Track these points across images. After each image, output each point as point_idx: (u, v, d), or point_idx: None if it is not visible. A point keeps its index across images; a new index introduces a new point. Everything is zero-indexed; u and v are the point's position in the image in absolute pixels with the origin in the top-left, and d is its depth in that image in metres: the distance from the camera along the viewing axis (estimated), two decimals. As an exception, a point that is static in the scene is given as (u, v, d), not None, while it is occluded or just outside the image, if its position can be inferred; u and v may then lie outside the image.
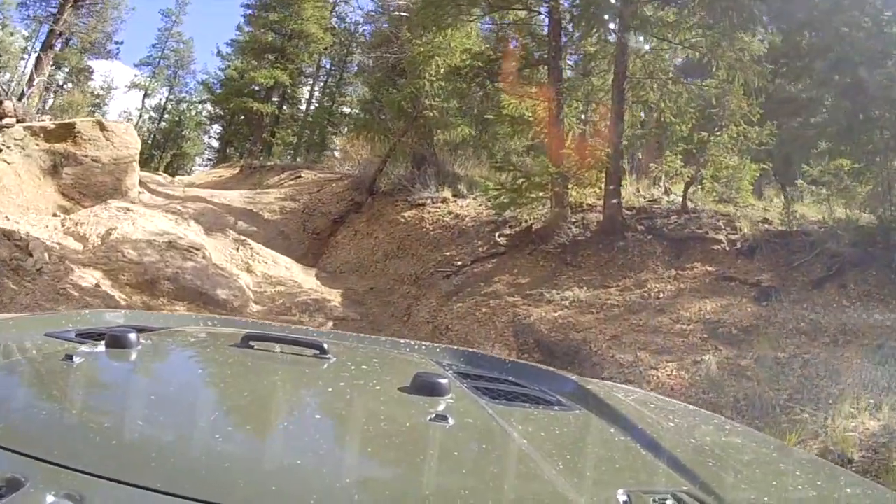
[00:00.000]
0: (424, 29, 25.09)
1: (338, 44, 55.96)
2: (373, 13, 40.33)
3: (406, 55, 28.25)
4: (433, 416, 2.18)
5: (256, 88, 53.44)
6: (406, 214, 25.38)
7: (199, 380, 2.77)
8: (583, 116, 23.00)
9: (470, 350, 4.65)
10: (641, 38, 20.22)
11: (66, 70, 51.16)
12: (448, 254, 21.76)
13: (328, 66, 59.50)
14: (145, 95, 66.27)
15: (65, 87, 52.05)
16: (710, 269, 16.92)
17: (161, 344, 3.11)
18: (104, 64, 67.85)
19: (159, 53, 66.50)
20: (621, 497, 1.83)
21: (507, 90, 22.02)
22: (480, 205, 23.62)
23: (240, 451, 1.83)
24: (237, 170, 42.20)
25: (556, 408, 2.81)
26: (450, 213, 23.95)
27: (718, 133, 19.02)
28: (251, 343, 2.88)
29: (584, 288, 17.08)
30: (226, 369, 2.80)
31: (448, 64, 24.79)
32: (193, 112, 66.29)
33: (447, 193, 25.30)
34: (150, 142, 62.07)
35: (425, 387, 2.42)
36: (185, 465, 1.67)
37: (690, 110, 19.78)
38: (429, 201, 25.31)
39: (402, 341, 4.43)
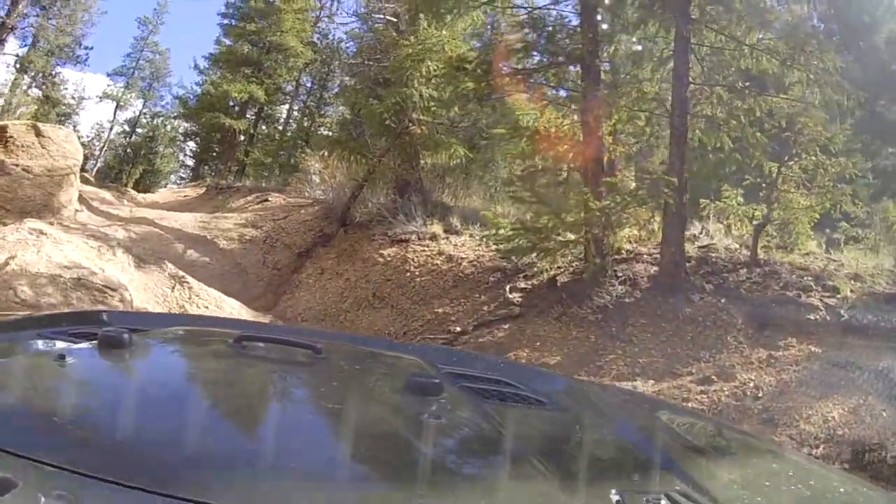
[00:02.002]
0: (419, 16, 20.70)
1: (318, 62, 52.07)
2: (356, 30, 33.89)
3: (391, 61, 23.32)
4: (426, 416, 2.14)
5: (231, 104, 50.00)
6: (385, 253, 19.89)
7: (193, 380, 2.59)
8: (626, 132, 17.18)
9: (462, 350, 5.99)
10: (704, 33, 15.43)
11: (32, 74, 47.30)
12: (441, 311, 16.44)
13: (308, 85, 55.70)
14: (117, 107, 62.53)
15: (29, 92, 48.89)
16: (812, 348, 12.16)
17: (154, 344, 2.86)
18: (74, 74, 63.18)
19: (134, 63, 62.39)
20: (614, 497, 1.80)
21: (511, 95, 16.82)
22: (480, 244, 18.68)
23: (233, 451, 1.78)
24: (203, 190, 37.58)
25: (549, 408, 2.77)
26: (441, 253, 18.86)
27: (791, 163, 14.85)
28: (244, 343, 2.69)
29: (644, 376, 12.14)
30: (219, 370, 2.64)
31: (445, 64, 19.27)
32: (168, 127, 62.94)
33: (437, 228, 20.05)
34: (121, 156, 61.79)
35: (418, 387, 2.30)
36: (179, 465, 1.62)
37: (759, 133, 14.98)
38: (414, 237, 19.98)
39: (396, 343, 5.40)
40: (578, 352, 13.16)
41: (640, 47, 16.41)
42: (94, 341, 2.42)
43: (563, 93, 17.06)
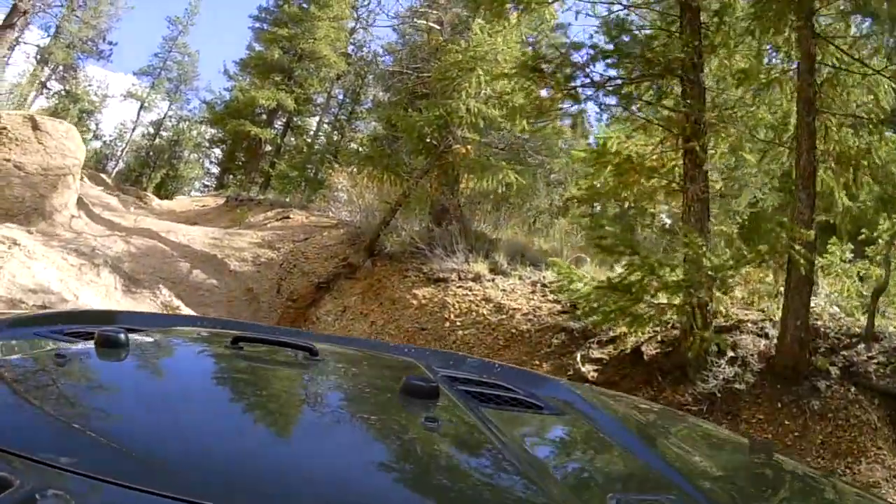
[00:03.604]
0: (470, 20, 18.71)
1: (352, 74, 49.14)
2: (394, 43, 33.65)
3: (433, 70, 20.38)
4: (423, 419, 2.10)
5: (258, 112, 47.77)
6: (420, 294, 16.40)
7: (189, 380, 2.43)
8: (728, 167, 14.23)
9: (460, 353, 5.68)
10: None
11: (52, 66, 45.35)
12: None
13: (340, 98, 53.08)
14: (142, 108, 60.16)
15: (48, 85, 47.01)
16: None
17: (151, 344, 2.78)
18: (99, 71, 60.93)
19: (161, 63, 60.22)
20: (611, 502, 1.80)
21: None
22: (534, 291, 15.38)
23: (229, 451, 1.70)
24: (223, 200, 35.12)
25: (545, 412, 2.70)
26: (488, 300, 15.40)
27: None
28: (241, 344, 2.66)
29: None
30: (215, 370, 2.69)
31: (515, 64, 15.27)
32: (194, 132, 60.69)
33: (482, 267, 16.61)
34: (143, 158, 59.77)
35: (415, 390, 2.23)
36: (175, 465, 1.57)
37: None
38: (454, 276, 16.53)
39: (392, 345, 5.34)
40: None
41: (744, 64, 12.74)
42: (92, 341, 2.32)
43: (645, 112, 13.45)
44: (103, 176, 41.43)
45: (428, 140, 18.57)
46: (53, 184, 20.43)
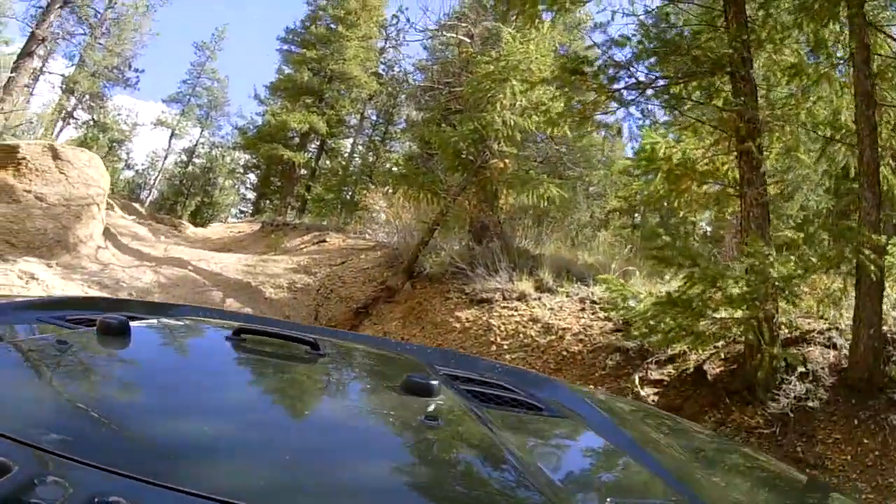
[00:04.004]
0: (500, 30, 17.74)
1: (384, 94, 49.06)
2: (424, 61, 34.27)
3: (465, 85, 19.75)
4: (423, 417, 2.06)
5: (291, 135, 47.47)
6: (463, 316, 15.49)
7: (190, 370, 2.45)
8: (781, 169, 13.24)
9: (461, 352, 5.33)
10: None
11: (78, 95, 44.60)
12: None
13: (373, 119, 52.98)
14: (173, 135, 61.01)
15: (74, 115, 46.62)
16: None
17: (153, 332, 2.83)
18: (128, 100, 61.20)
19: (190, 90, 60.84)
20: None
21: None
22: (583, 308, 14.47)
23: (228, 443, 1.70)
24: (258, 226, 34.50)
25: (545, 414, 2.74)
26: (535, 320, 14.45)
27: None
28: (243, 336, 2.63)
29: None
30: (216, 361, 2.60)
31: (555, 67, 15.11)
32: (227, 159, 61.02)
33: (526, 285, 15.70)
34: (176, 186, 59.79)
35: (416, 387, 2.25)
36: (174, 454, 1.57)
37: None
38: (498, 296, 15.64)
39: (394, 341, 4.69)
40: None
41: (793, 59, 11.98)
42: (94, 327, 2.36)
43: (694, 113, 12.65)
44: (136, 205, 41.19)
45: (464, 155, 17.87)
46: (77, 214, 20.05)
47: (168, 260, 22.03)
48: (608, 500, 1.85)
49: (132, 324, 2.42)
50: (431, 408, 2.15)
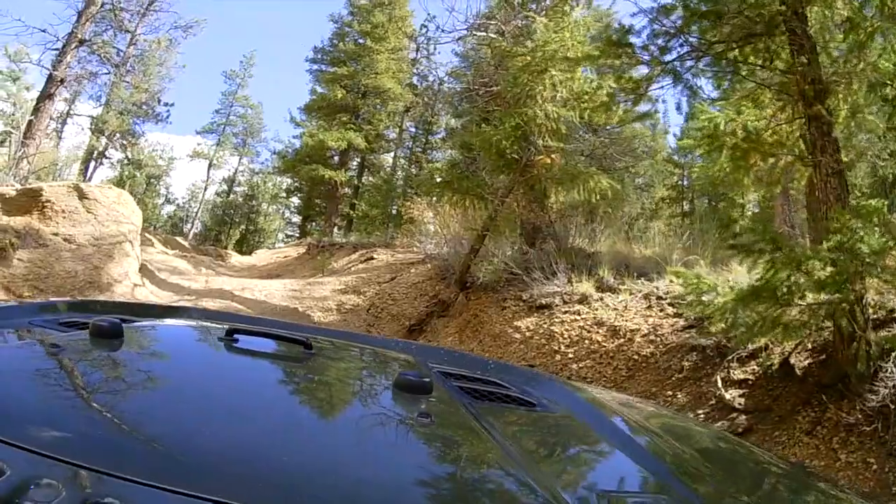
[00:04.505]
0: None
1: (420, 105, 47.87)
2: (457, 68, 32.61)
3: (501, 83, 18.98)
4: (416, 414, 2.13)
5: (330, 154, 47.64)
6: (522, 325, 14.42)
7: (183, 371, 2.41)
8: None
9: (454, 350, 5.26)
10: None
11: (108, 134, 44.14)
12: None
13: (412, 131, 53.08)
14: (210, 166, 61.53)
15: (107, 154, 46.84)
16: None
17: (145, 334, 2.88)
18: (163, 136, 61.70)
19: (224, 119, 61.74)
20: (602, 501, 1.83)
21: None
22: (650, 306, 13.36)
23: (220, 443, 1.68)
24: (304, 249, 34.33)
25: (538, 409, 2.71)
26: (599, 323, 13.36)
27: None
28: (236, 336, 2.65)
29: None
30: (209, 362, 2.64)
31: (585, 52, 14.44)
32: (269, 184, 61.53)
33: (587, 286, 14.59)
34: (218, 216, 61.15)
35: (409, 385, 2.26)
36: (167, 455, 1.55)
37: None
38: (557, 300, 14.57)
39: (387, 339, 5.13)
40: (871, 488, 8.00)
41: (847, 12, 11.01)
42: (86, 330, 2.35)
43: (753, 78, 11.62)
44: (179, 239, 41.28)
45: (508, 154, 16.92)
46: (108, 253, 19.61)
47: (209, 292, 21.55)
48: (601, 494, 1.83)
49: (125, 326, 2.40)
50: (424, 405, 2.18)
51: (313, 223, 53.68)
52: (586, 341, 12.90)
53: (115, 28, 38.01)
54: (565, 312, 14.06)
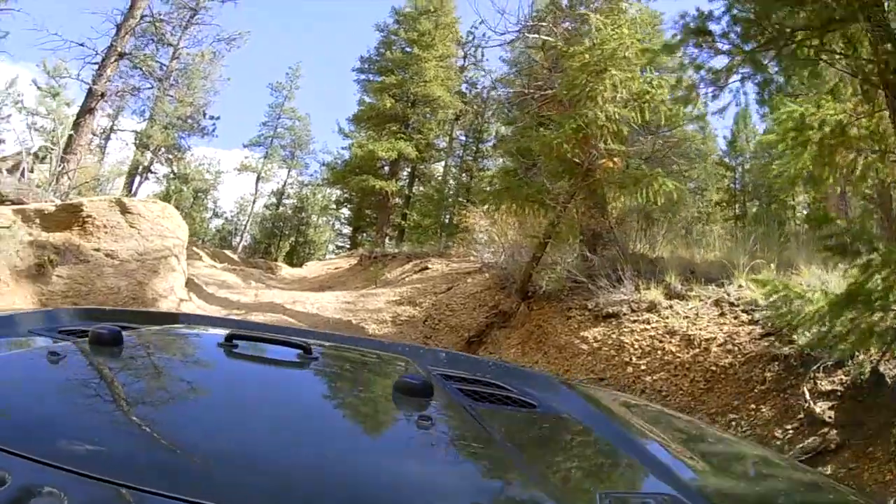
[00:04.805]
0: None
1: (470, 113, 48.08)
2: (506, 75, 32.24)
3: (557, 86, 18.70)
4: (417, 417, 2.09)
5: (380, 165, 47.37)
6: (589, 335, 13.75)
7: (183, 378, 2.47)
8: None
9: (454, 352, 5.60)
10: None
11: (153, 149, 44.25)
12: None
13: (462, 139, 52.67)
14: (259, 179, 61.68)
15: (152, 168, 46.81)
16: None
17: (145, 342, 2.82)
18: (209, 150, 61.94)
19: (271, 132, 61.87)
20: (603, 500, 1.74)
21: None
22: (722, 313, 12.53)
23: (222, 449, 1.69)
24: (356, 260, 34.11)
25: (539, 410, 2.74)
26: (671, 332, 12.63)
27: None
28: (235, 342, 2.62)
29: None
30: (209, 368, 2.65)
31: (662, 43, 13.41)
32: (319, 196, 61.82)
33: (655, 293, 13.94)
34: (268, 229, 61.80)
35: (409, 388, 2.26)
36: (168, 462, 1.56)
37: None
38: (625, 308, 13.91)
39: (387, 342, 4.87)
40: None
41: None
42: (86, 338, 2.38)
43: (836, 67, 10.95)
44: (228, 252, 41.38)
45: (569, 158, 16.26)
46: (153, 268, 19.28)
47: (259, 306, 21.16)
48: (601, 494, 1.74)
49: (125, 333, 2.39)
50: (425, 408, 2.16)
51: (364, 234, 53.58)
52: (659, 352, 12.23)
53: (157, 42, 38.33)
54: (634, 321, 13.41)
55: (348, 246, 53.84)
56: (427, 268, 25.51)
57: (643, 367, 12.10)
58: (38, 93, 40.98)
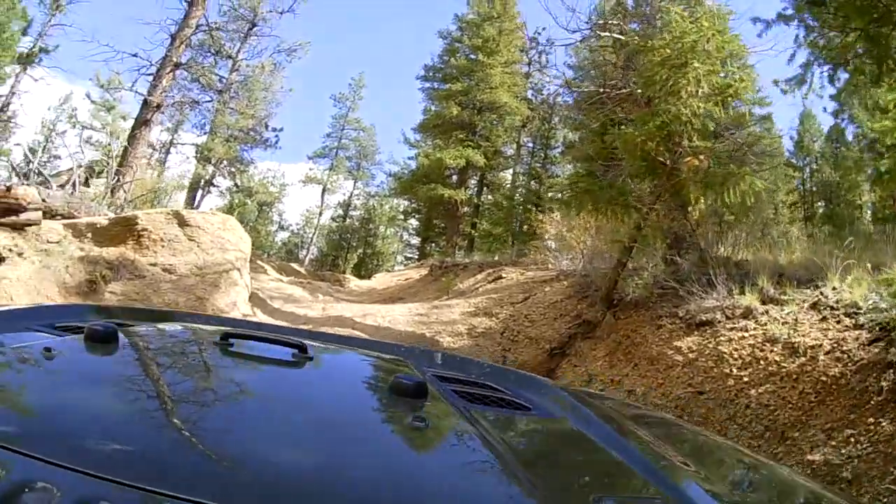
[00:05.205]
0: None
1: (536, 119, 48.31)
2: (574, 78, 29.52)
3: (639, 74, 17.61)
4: (411, 418, 2.12)
5: (448, 173, 47.08)
6: (683, 346, 12.76)
7: (178, 376, 2.45)
8: None
9: (449, 353, 5.38)
10: None
11: (214, 162, 44.62)
12: (818, 458, 9.13)
13: (530, 146, 51.91)
14: (324, 190, 62.10)
15: (214, 182, 46.89)
16: None
17: (140, 339, 2.83)
18: (273, 163, 62.44)
19: (335, 143, 61.96)
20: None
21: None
22: (824, 318, 11.50)
23: (216, 448, 1.70)
24: (426, 270, 33.47)
25: (533, 413, 2.75)
26: (772, 340, 11.53)
27: None
28: (231, 341, 2.70)
29: None
30: (204, 366, 2.66)
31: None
32: (386, 207, 62.03)
33: (750, 299, 12.88)
34: (335, 241, 62.15)
35: (404, 389, 2.29)
36: (161, 460, 1.56)
37: None
38: (719, 315, 12.87)
39: (383, 342, 4.55)
40: None
41: None
42: (81, 335, 2.41)
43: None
44: (294, 265, 41.43)
45: (652, 157, 15.44)
46: (213, 283, 18.83)
47: (327, 320, 20.65)
48: (593, 497, 1.82)
49: (120, 330, 2.40)
50: (420, 409, 2.18)
51: (433, 244, 53.49)
52: (761, 362, 11.22)
53: (216, 54, 38.58)
54: (731, 329, 12.40)
55: (417, 256, 54.02)
56: (501, 277, 24.59)
57: (745, 379, 11.11)
58: (92, 107, 41.34)
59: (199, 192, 45.01)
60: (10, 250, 15.81)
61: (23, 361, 2.19)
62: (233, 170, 46.04)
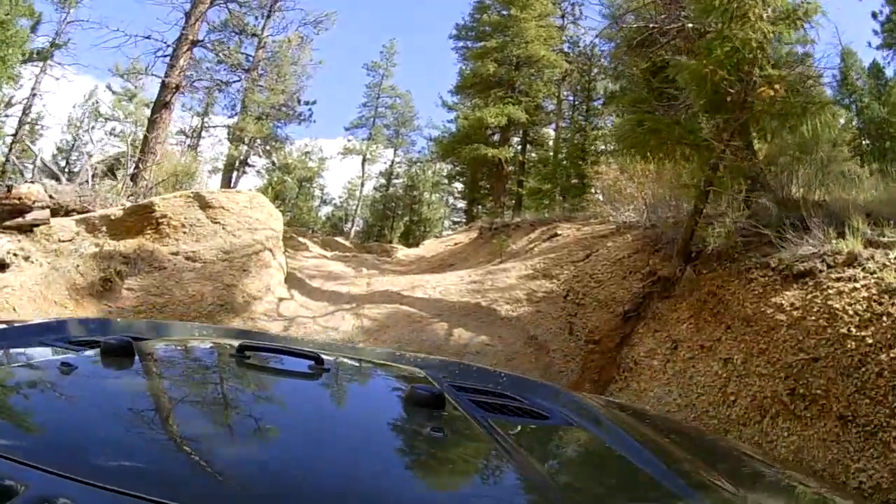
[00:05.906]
0: None
1: (575, 71, 46.14)
2: (609, 29, 28.86)
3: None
4: (429, 428, 2.19)
5: (490, 132, 45.93)
6: (783, 302, 10.57)
7: (195, 389, 2.60)
8: None
9: (466, 363, 5.83)
10: None
11: (247, 141, 44.48)
12: None
13: (571, 100, 49.67)
14: (364, 161, 61.66)
15: (249, 161, 46.97)
16: None
17: (157, 353, 2.99)
18: (308, 140, 61.78)
19: (372, 113, 61.71)
20: None
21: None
22: None
23: (234, 460, 1.78)
24: (476, 233, 31.79)
25: (551, 421, 2.81)
26: (888, 289, 9.37)
27: None
28: (247, 353, 2.81)
29: None
30: (221, 379, 2.77)
31: None
32: (429, 172, 62.01)
33: (853, 243, 10.79)
34: (379, 211, 61.80)
35: (421, 399, 2.38)
36: (179, 473, 1.64)
37: None
38: (819, 264, 10.78)
39: (398, 353, 4.54)
40: None
41: None
42: (98, 349, 2.48)
43: None
44: (339, 239, 40.60)
45: (723, 89, 13.35)
46: (243, 267, 17.63)
47: (372, 296, 19.05)
48: None
49: (136, 345, 2.48)
50: (438, 419, 2.23)
51: (480, 206, 52.25)
52: (884, 318, 8.97)
53: (240, 33, 37.61)
54: (837, 279, 10.21)
55: (464, 220, 52.98)
56: (556, 234, 22.54)
57: (869, 341, 8.84)
58: (113, 97, 40.60)
59: (235, 174, 44.79)
60: (16, 255, 14.85)
61: (41, 376, 2.23)
62: (268, 148, 45.97)
